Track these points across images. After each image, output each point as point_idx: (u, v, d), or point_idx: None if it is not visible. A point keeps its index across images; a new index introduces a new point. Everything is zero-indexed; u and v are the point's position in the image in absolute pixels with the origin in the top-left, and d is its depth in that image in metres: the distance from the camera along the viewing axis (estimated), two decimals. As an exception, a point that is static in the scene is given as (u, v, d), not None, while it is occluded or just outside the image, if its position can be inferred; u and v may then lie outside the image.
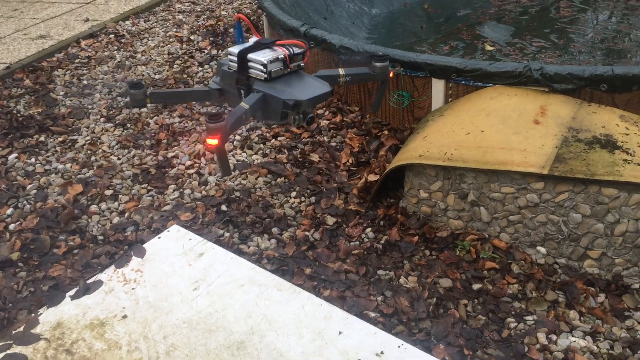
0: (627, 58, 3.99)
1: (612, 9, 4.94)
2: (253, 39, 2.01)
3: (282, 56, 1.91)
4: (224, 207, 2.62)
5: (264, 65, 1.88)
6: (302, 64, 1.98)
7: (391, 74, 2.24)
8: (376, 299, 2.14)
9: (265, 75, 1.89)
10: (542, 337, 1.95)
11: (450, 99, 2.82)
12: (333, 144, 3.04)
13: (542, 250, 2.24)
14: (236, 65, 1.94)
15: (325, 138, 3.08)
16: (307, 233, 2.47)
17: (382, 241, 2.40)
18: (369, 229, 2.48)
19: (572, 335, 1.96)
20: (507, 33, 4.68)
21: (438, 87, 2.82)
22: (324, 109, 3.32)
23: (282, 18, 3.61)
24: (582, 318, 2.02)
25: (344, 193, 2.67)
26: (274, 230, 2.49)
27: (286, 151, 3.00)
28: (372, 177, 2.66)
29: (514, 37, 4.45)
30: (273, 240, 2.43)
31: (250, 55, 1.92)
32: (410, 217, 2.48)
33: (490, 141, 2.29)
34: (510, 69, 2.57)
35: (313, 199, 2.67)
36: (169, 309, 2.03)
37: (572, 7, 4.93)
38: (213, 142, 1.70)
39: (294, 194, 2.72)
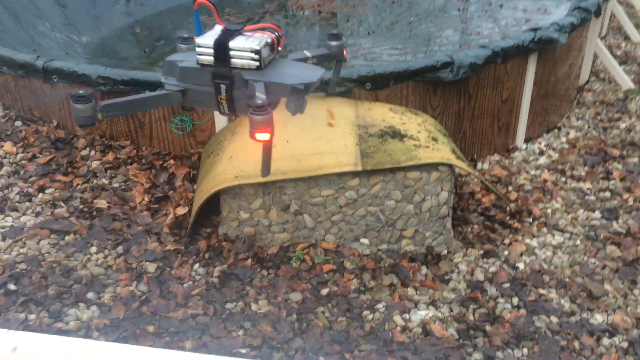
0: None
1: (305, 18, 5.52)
2: (218, 28, 1.79)
3: (271, 41, 1.73)
4: (12, 286, 2.12)
5: (257, 52, 1.69)
6: (280, 49, 1.83)
7: (345, 52, 2.16)
8: (238, 333, 2.01)
9: (258, 63, 1.71)
10: (398, 319, 2.10)
11: (233, 117, 2.79)
12: (116, 185, 2.71)
13: (366, 241, 2.41)
14: (212, 58, 1.70)
15: (104, 180, 2.73)
16: (130, 288, 2.17)
17: (216, 274, 2.26)
18: (196, 265, 2.30)
19: (419, 309, 2.16)
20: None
21: (220, 106, 2.76)
22: (88, 148, 2.94)
23: (5, 54, 3.07)
24: (418, 292, 2.25)
25: (155, 234, 2.42)
26: (90, 295, 2.12)
27: (63, 204, 2.56)
28: (181, 211, 2.47)
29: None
30: (94, 307, 2.07)
31: (234, 44, 1.69)
32: (236, 242, 2.39)
33: (299, 149, 2.36)
34: (290, 80, 2.67)
35: (120, 249, 2.36)
36: None
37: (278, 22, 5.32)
38: (264, 136, 1.52)
39: (94, 249, 2.35)
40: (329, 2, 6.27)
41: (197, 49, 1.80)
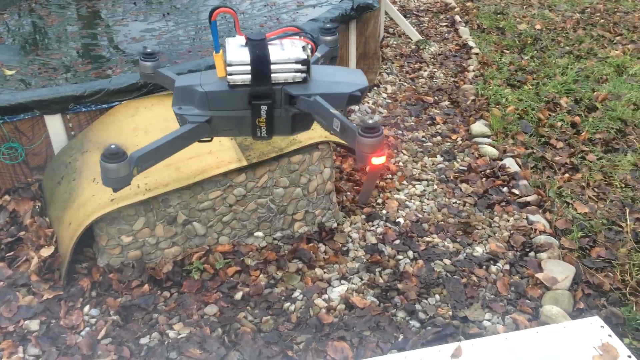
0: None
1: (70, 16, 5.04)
2: (237, 39, 1.52)
3: (310, 47, 1.50)
4: None
5: (304, 62, 1.45)
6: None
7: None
8: (167, 368, 1.85)
9: (306, 75, 1.48)
10: (319, 302, 2.13)
11: (73, 132, 2.47)
12: (-55, 239, 2.23)
13: (260, 234, 2.36)
14: (248, 76, 1.44)
15: None
16: (19, 355, 1.84)
17: (114, 310, 2.03)
18: (87, 308, 2.04)
19: (334, 287, 2.20)
20: (10, 53, 4.20)
21: (54, 123, 2.42)
22: None
23: None
24: (325, 270, 2.29)
25: (22, 286, 2.07)
26: (-29, 380, 1.75)
27: None
28: (46, 251, 2.14)
29: (24, 55, 4.00)
30: (-18, 393, 1.71)
31: (275, 56, 1.44)
32: (124, 270, 2.16)
33: (173, 157, 2.17)
34: (134, 82, 2.44)
35: (-16, 315, 1.97)
36: None
37: (51, 15, 4.73)
38: (381, 160, 1.32)
39: (-52, 324, 1.92)
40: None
41: (229, 68, 1.50)
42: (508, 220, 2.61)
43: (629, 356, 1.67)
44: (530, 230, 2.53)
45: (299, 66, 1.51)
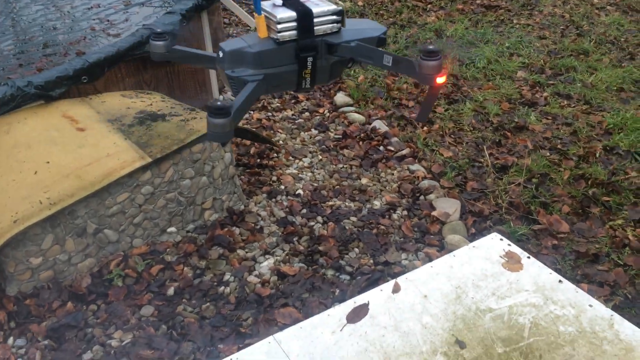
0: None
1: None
2: (271, 2, 1.66)
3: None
4: None
5: (340, 13, 1.68)
6: None
7: None
8: (123, 376, 1.79)
9: (341, 25, 1.69)
10: (252, 278, 2.19)
11: None
12: None
13: (173, 229, 2.34)
14: (295, 32, 1.63)
15: None
16: (-51, 409, 1.65)
17: (43, 335, 1.90)
18: (10, 340, 1.88)
19: (260, 263, 2.28)
20: None
21: None
22: None
23: None
24: (247, 250, 2.35)
25: None
26: None
27: None
28: (-57, 294, 1.91)
29: None
30: None
31: (317, 10, 1.65)
32: (40, 294, 2.01)
33: (69, 165, 2.08)
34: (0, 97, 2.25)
35: None
36: None
37: None
38: (443, 79, 1.54)
39: None
40: None
41: (279, 26, 1.63)
42: (393, 174, 2.88)
43: (528, 257, 2.00)
44: (414, 178, 2.82)
45: (336, 17, 1.72)
